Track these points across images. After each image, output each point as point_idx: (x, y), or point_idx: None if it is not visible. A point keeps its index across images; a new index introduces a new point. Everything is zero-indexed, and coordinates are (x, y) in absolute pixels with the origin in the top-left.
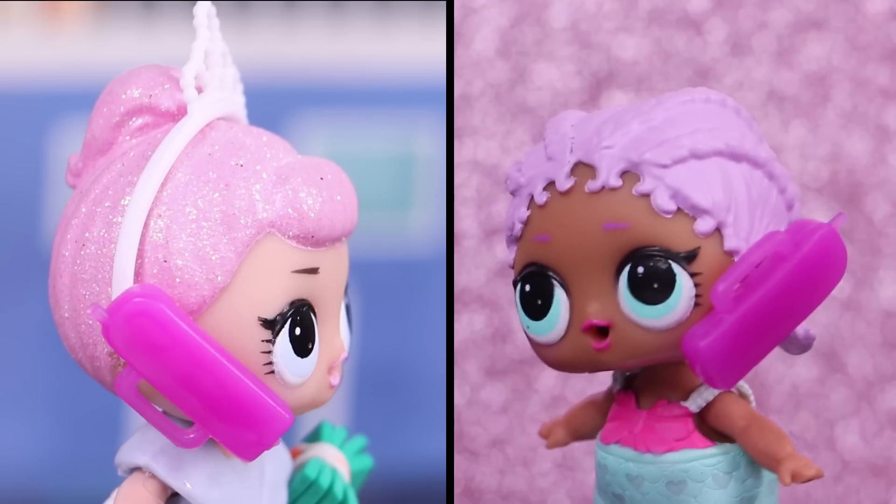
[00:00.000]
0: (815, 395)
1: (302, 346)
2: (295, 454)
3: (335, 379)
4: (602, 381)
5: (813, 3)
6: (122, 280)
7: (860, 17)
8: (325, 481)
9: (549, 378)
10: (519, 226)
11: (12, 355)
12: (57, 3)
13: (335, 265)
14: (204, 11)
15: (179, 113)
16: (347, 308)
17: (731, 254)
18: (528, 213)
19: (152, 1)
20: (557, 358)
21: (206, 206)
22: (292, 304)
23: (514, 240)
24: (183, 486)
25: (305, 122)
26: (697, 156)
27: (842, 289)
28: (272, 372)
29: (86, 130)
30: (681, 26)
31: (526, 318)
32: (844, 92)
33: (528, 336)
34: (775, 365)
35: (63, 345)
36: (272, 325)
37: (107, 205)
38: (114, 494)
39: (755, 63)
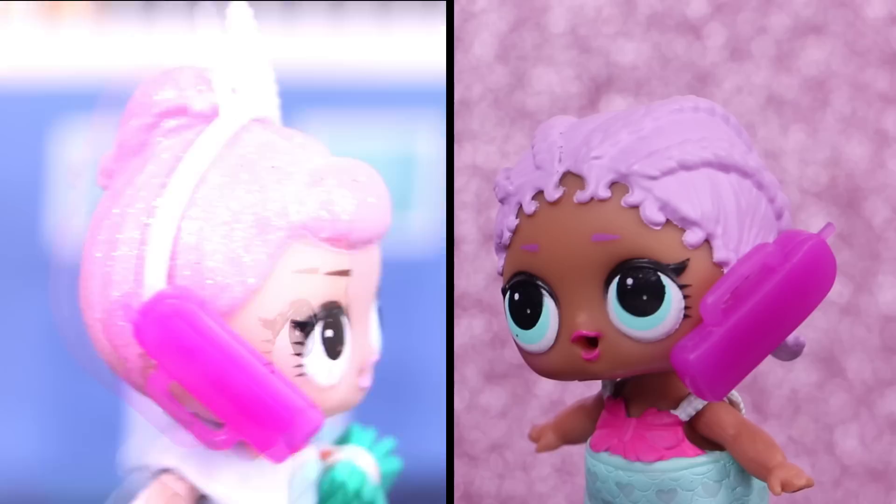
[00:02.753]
0: (815, 399)
1: (333, 348)
2: (324, 456)
3: (365, 381)
4: (599, 386)
5: (812, 8)
6: (154, 281)
7: (859, 22)
8: (353, 484)
9: (548, 383)
10: (507, 234)
11: (12, 355)
12: (57, 3)
13: (367, 267)
14: (240, 12)
15: (212, 114)
16: (379, 310)
17: (720, 265)
18: (516, 221)
19: (152, 1)
20: (546, 367)
21: (238, 208)
22: (324, 306)
23: (503, 248)
24: (212, 487)
25: (305, 122)
26: (686, 167)
27: (841, 293)
28: (303, 374)
29: (116, 131)
30: (680, 31)
31: (515, 327)
32: (844, 96)
33: (517, 344)
34: (774, 369)
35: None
36: (303, 328)
37: (139, 206)
38: (142, 496)
39: (754, 68)
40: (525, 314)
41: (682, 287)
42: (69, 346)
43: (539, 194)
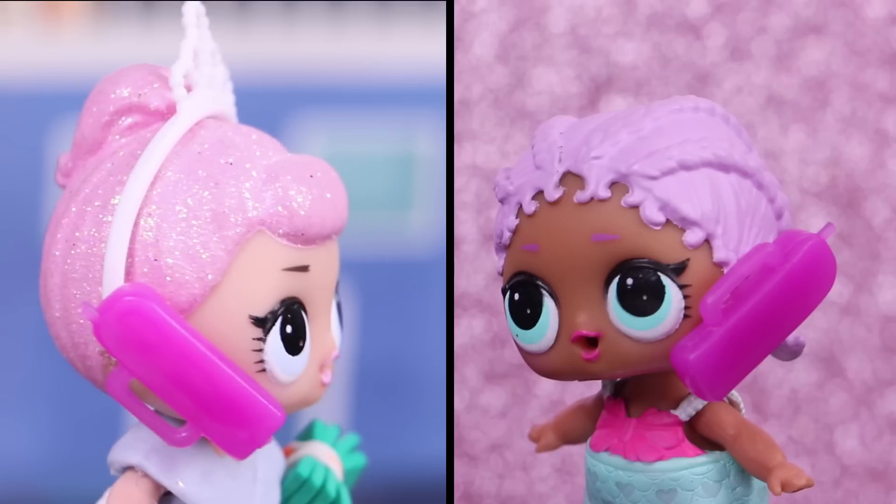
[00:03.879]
0: (815, 399)
1: (293, 344)
2: (287, 452)
3: (327, 377)
4: (599, 386)
5: (812, 8)
6: (113, 279)
7: (859, 22)
8: (317, 479)
9: (548, 382)
10: (507, 234)
11: (12, 356)
12: (57, 3)
13: (326, 263)
14: (193, 10)
15: (169, 112)
16: (339, 306)
17: (720, 265)
18: (516, 221)
19: (152, 1)
20: (546, 367)
21: (196, 204)
22: (283, 302)
23: (503, 248)
24: (175, 484)
25: (305, 122)
26: (686, 167)
27: (841, 293)
28: (264, 370)
29: (75, 130)
30: (680, 31)
31: (515, 327)
32: (843, 96)
33: (517, 344)
34: (774, 369)
35: None
36: (263, 324)
37: (97, 204)
38: (106, 494)
39: (754, 68)
40: (525, 314)
41: (682, 287)
42: None
43: (539, 194)
